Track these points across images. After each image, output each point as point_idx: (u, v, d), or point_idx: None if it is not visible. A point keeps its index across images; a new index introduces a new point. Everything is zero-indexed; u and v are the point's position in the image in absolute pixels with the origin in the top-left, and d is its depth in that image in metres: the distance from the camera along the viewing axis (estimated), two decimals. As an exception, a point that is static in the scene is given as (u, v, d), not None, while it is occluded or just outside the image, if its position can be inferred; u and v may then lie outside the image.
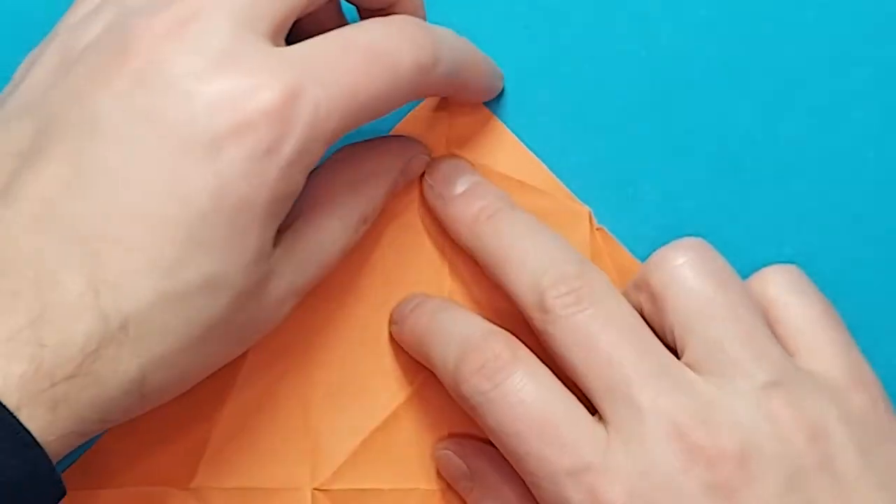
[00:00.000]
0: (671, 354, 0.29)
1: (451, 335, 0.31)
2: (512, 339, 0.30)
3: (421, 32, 0.29)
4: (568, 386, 0.29)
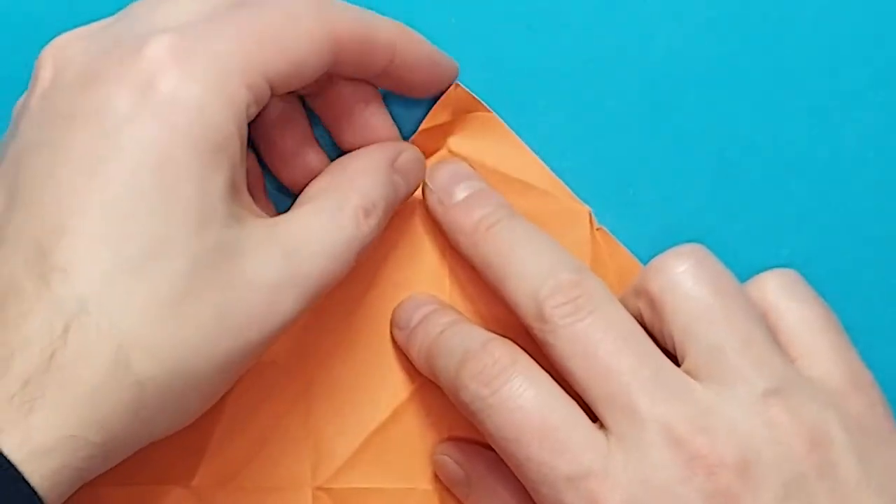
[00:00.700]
0: (670, 361, 0.29)
1: (454, 348, 0.31)
2: (511, 345, 0.30)
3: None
4: (570, 394, 0.29)
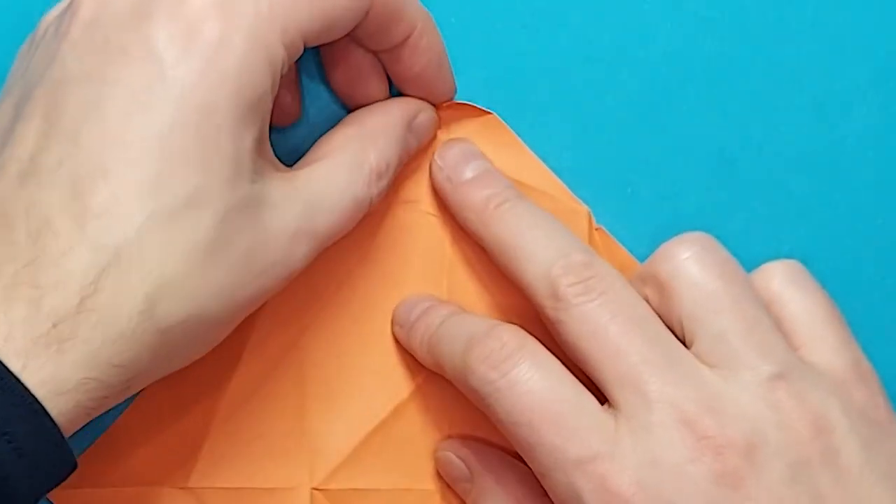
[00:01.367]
0: (680, 344, 0.29)
1: (458, 336, 0.31)
2: (518, 329, 0.30)
3: None
4: (578, 377, 0.29)
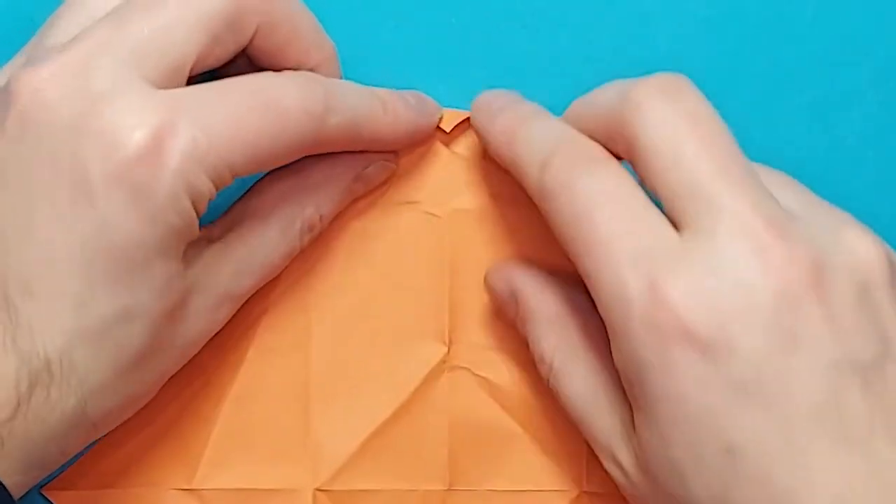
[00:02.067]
0: (756, 168, 0.28)
1: (545, 136, 0.29)
2: (603, 149, 0.29)
3: (312, 82, 0.29)
4: None
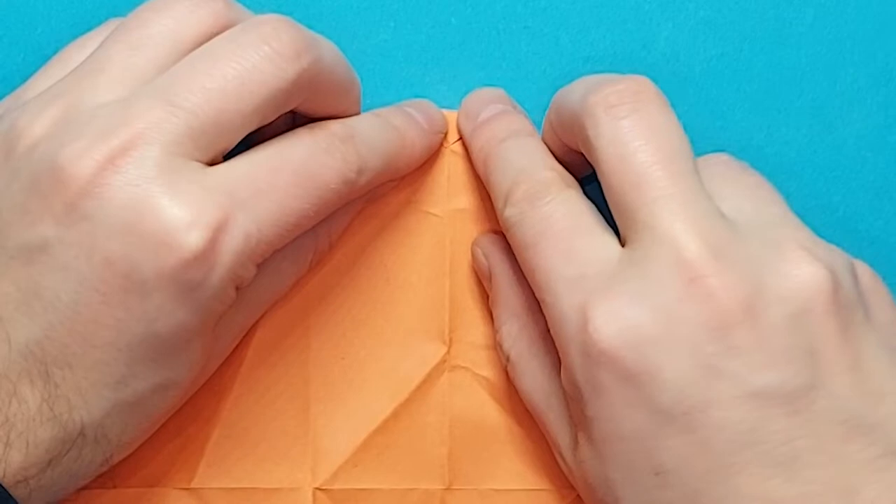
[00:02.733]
0: (701, 181, 0.28)
1: (512, 164, 0.31)
2: (565, 174, 0.30)
3: (350, 151, 0.30)
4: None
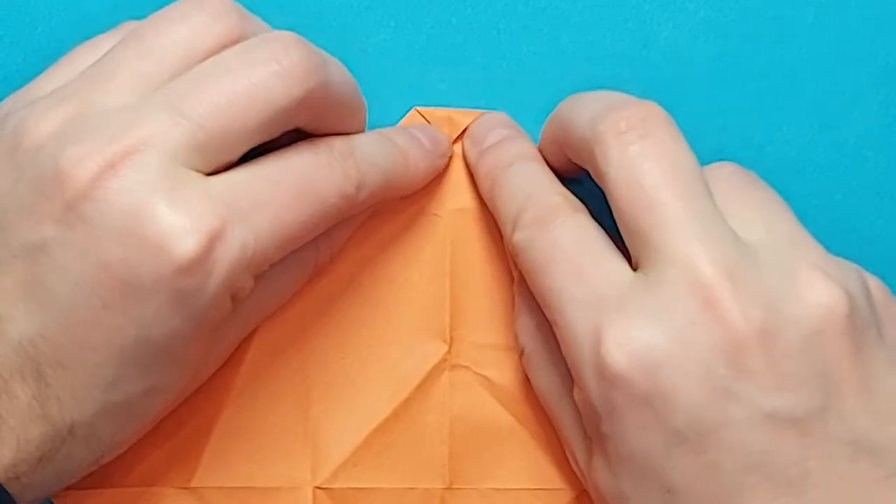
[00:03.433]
0: (713, 201, 0.28)
1: (519, 189, 0.31)
2: (576, 200, 0.30)
3: (350, 165, 0.30)
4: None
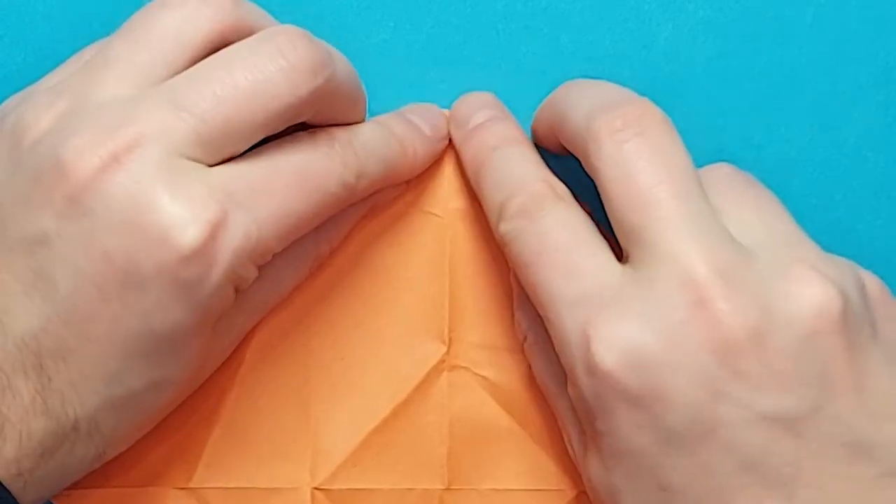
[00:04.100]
0: (707, 200, 0.28)
1: (504, 176, 0.31)
2: (562, 186, 0.30)
3: (350, 154, 0.30)
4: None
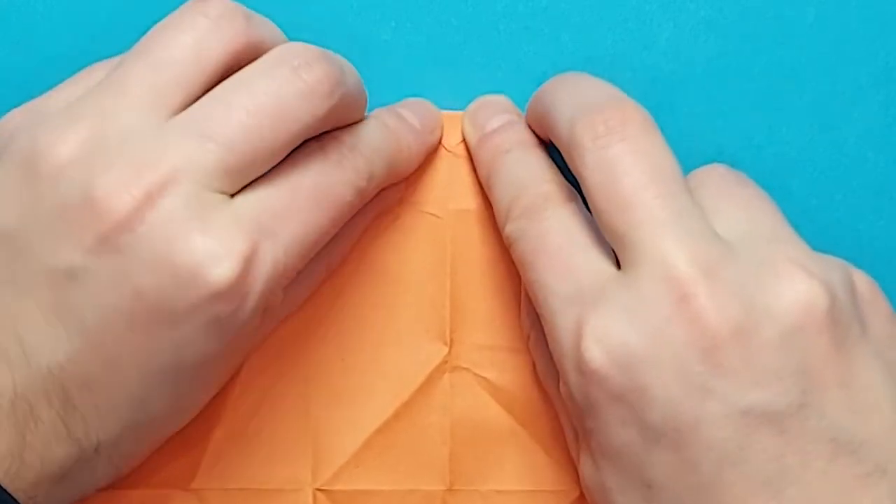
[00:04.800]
0: (693, 200, 0.28)
1: (513, 179, 0.31)
2: (569, 188, 0.31)
3: (356, 156, 0.30)
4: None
